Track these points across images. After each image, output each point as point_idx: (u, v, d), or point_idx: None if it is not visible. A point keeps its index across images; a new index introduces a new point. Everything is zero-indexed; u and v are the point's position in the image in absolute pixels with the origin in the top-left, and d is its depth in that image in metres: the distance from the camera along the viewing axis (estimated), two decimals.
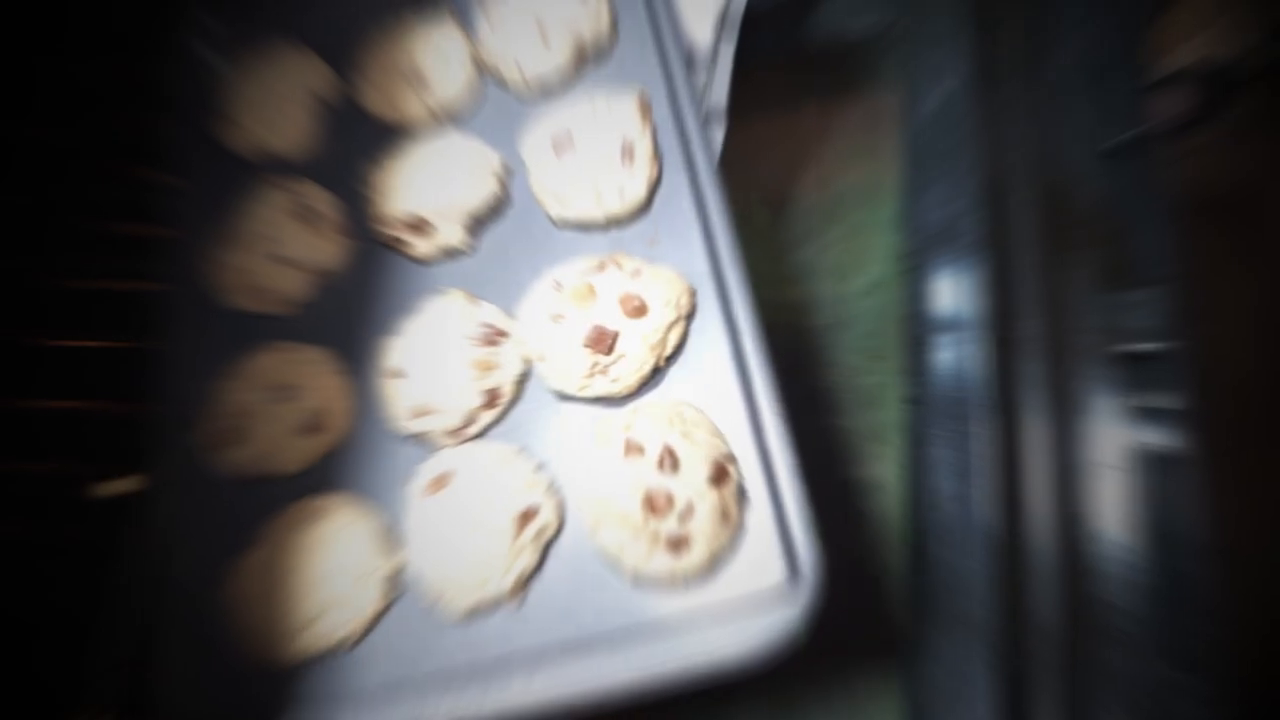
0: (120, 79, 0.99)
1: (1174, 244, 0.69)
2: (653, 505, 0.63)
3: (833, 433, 0.98)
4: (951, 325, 0.86)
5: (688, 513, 0.63)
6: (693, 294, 0.72)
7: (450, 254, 0.81)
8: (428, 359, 0.73)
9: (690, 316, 0.72)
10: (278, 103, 0.89)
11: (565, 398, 0.72)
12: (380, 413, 0.76)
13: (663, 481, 0.63)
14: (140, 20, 0.97)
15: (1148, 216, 0.71)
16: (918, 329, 0.94)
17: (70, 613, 0.82)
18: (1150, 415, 0.67)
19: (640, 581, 0.64)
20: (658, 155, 0.78)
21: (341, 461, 0.75)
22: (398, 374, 0.74)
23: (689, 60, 0.83)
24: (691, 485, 0.63)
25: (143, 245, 0.92)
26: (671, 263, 0.74)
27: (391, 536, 0.70)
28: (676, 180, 0.78)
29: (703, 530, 0.63)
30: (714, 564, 0.63)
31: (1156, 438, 0.67)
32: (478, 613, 0.66)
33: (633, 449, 0.65)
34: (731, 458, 0.65)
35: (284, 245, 0.81)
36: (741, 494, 0.65)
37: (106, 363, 0.96)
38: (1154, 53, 0.79)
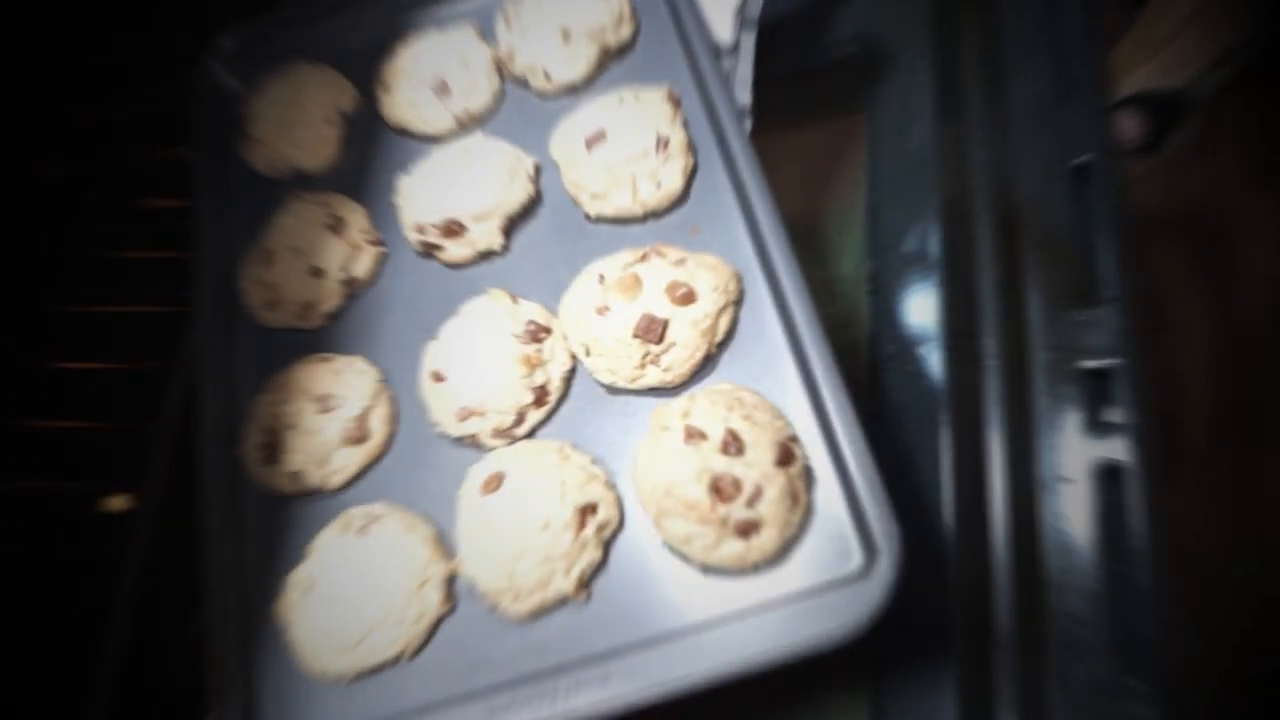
0: (141, 105, 0.99)
1: (1126, 262, 0.71)
2: (720, 491, 0.61)
3: None
4: (915, 343, 0.86)
5: (756, 496, 0.61)
6: (739, 279, 0.71)
7: (486, 256, 0.80)
8: (472, 360, 0.71)
9: (739, 302, 0.71)
10: (301, 119, 0.88)
11: (615, 391, 0.71)
12: (424, 418, 0.74)
13: (728, 466, 0.61)
14: (159, 48, 0.97)
15: (1104, 236, 0.73)
16: (882, 346, 0.96)
17: (74, 624, 0.81)
18: (1109, 430, 0.69)
19: (710, 570, 0.62)
20: (691, 146, 0.78)
21: (387, 470, 0.73)
22: (441, 377, 0.72)
23: (715, 51, 0.82)
24: (758, 468, 0.61)
25: (166, 270, 0.92)
26: (715, 250, 0.73)
27: (444, 542, 0.68)
28: (712, 168, 0.77)
29: (773, 513, 0.61)
30: (785, 547, 0.61)
31: (1115, 452, 0.68)
32: (541, 614, 0.64)
33: (694, 435, 0.63)
34: (795, 438, 0.64)
35: (317, 257, 0.79)
36: (808, 474, 0.63)
37: (110, 384, 0.96)
38: (1110, 80, 0.82)
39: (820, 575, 0.60)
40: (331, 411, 0.73)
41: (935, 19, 0.95)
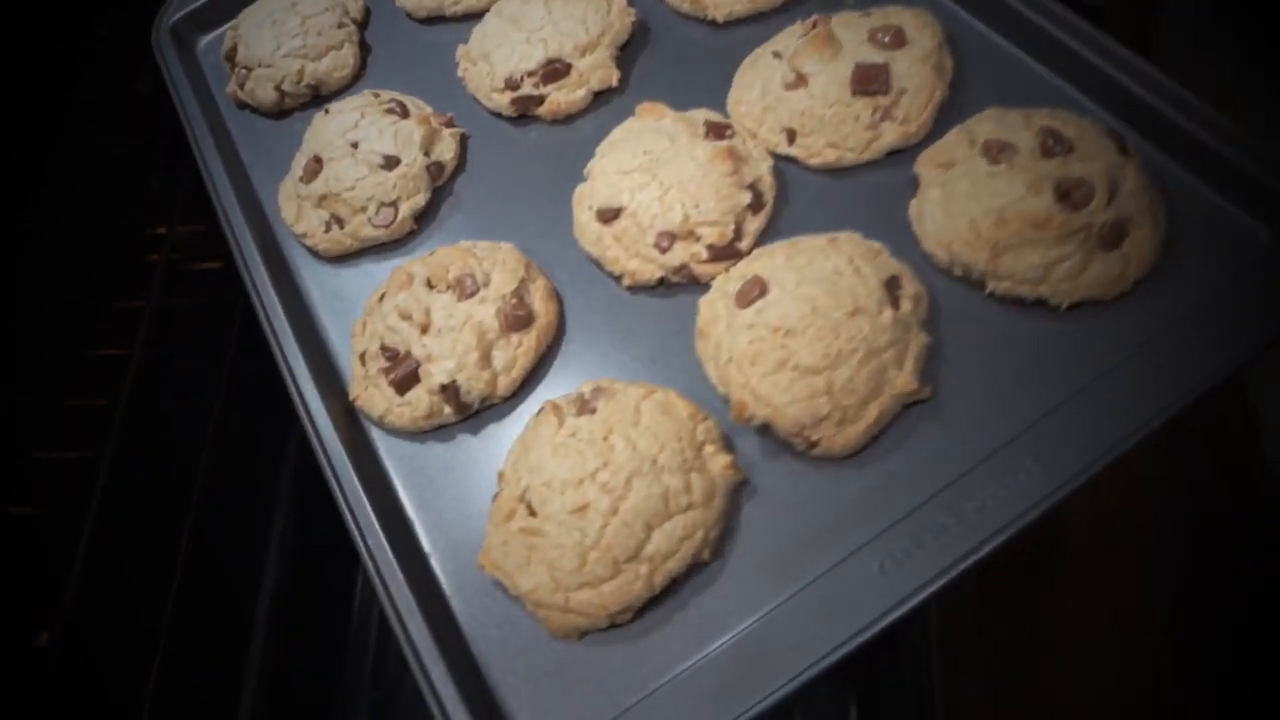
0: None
1: None
2: (1069, 195, 0.46)
3: None
4: None
5: (1113, 191, 0.46)
6: (934, 20, 0.58)
7: (601, 96, 0.64)
8: (657, 178, 0.54)
9: (948, 41, 0.58)
10: (309, 28, 0.71)
11: (841, 171, 0.56)
12: (595, 280, 0.56)
13: (1063, 168, 0.47)
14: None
15: None
16: None
17: None
18: None
19: (1080, 307, 0.46)
20: None
21: (570, 352, 0.54)
22: (614, 213, 0.55)
23: None
24: (1099, 159, 0.47)
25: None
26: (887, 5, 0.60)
27: (691, 398, 0.49)
28: None
29: (1139, 206, 0.46)
30: (1163, 249, 0.47)
31: None
32: (879, 434, 0.46)
33: (1002, 149, 0.48)
34: (1116, 132, 0.50)
35: (386, 143, 0.61)
36: (1149, 167, 0.49)
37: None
38: None
39: (1224, 268, 0.46)
40: (476, 294, 0.53)
41: None
